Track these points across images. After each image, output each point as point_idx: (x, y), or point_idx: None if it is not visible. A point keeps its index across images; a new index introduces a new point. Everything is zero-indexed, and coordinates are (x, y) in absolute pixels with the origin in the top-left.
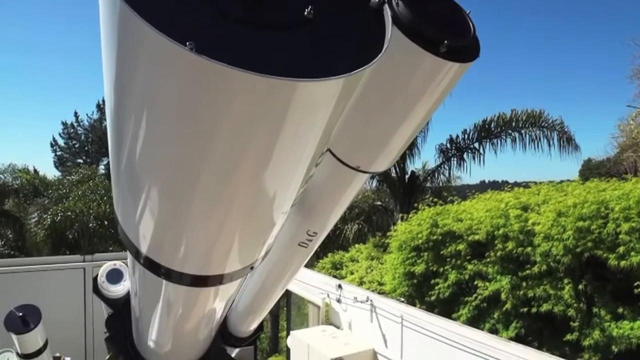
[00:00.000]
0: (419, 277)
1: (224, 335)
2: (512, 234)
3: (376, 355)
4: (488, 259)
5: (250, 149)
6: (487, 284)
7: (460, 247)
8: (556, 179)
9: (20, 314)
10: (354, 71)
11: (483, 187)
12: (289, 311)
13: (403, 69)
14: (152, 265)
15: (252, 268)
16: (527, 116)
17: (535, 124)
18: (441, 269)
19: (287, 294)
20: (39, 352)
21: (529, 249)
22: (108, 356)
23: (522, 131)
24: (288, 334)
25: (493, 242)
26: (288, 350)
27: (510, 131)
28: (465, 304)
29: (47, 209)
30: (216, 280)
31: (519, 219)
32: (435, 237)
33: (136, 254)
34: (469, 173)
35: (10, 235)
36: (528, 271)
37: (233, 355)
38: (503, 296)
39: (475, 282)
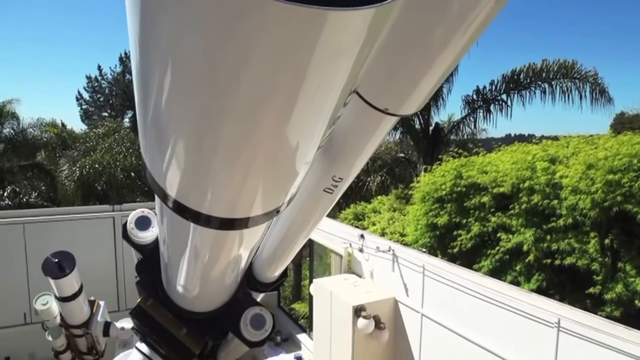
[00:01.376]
0: (441, 229)
1: (250, 280)
2: (538, 187)
3: (397, 303)
4: (512, 212)
5: (276, 88)
6: (510, 236)
7: (484, 199)
8: (586, 133)
9: (56, 260)
10: (387, 1)
11: (509, 140)
12: (311, 260)
13: (435, 4)
14: (180, 209)
15: (278, 212)
16: (559, 67)
17: (567, 75)
18: (464, 221)
19: (310, 244)
20: (74, 295)
21: (555, 202)
22: (139, 299)
23: (553, 83)
24: (311, 282)
25: (518, 195)
26: (310, 297)
27: (540, 82)
28: (487, 256)
29: (76, 162)
30: (242, 223)
31: (546, 172)
32: (459, 188)
33: (164, 197)
34: (495, 126)
35: (43, 188)
36: (553, 224)
37: (258, 299)
38: (526, 248)
39: (498, 235)
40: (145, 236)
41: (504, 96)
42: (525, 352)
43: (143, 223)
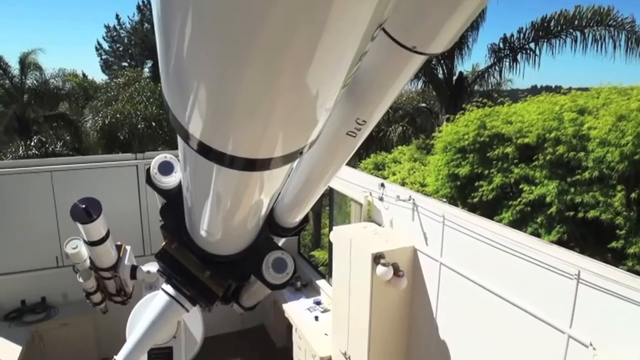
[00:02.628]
0: (462, 179)
1: (271, 225)
2: (564, 138)
3: (416, 252)
4: (536, 163)
5: (300, 22)
6: (533, 188)
7: (508, 150)
8: (619, 84)
9: (84, 205)
10: None
11: (535, 92)
12: (331, 209)
13: None
14: (203, 150)
15: (301, 153)
16: (593, 14)
17: (601, 22)
18: (486, 172)
19: (330, 192)
20: (102, 240)
21: (582, 154)
22: (164, 243)
23: (585, 30)
24: (330, 230)
25: (543, 146)
26: (330, 244)
27: (571, 30)
28: (508, 207)
29: (99, 112)
30: (265, 164)
31: (574, 123)
32: (482, 139)
33: (187, 139)
34: (522, 76)
35: (67, 138)
36: (578, 177)
37: (280, 244)
38: (549, 200)
39: (521, 186)
40: (168, 181)
41: (532, 45)
42: (543, 303)
43: (166, 168)
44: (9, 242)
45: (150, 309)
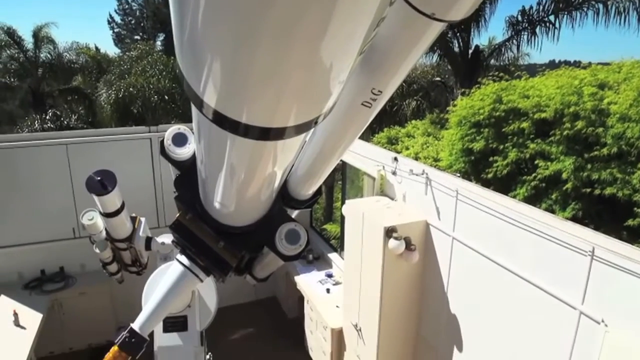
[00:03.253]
0: (476, 154)
1: (285, 197)
2: (583, 113)
3: (428, 226)
4: (552, 139)
5: None
6: (549, 164)
7: (524, 125)
8: None
9: (99, 177)
10: None
11: (553, 66)
12: (344, 183)
13: None
14: (218, 119)
15: (315, 123)
16: None
17: None
18: (501, 147)
19: (343, 166)
20: (117, 212)
21: (600, 129)
22: (178, 214)
23: (609, 2)
24: (343, 203)
25: (561, 121)
26: (342, 218)
27: (593, 2)
28: (522, 183)
29: (112, 85)
30: (279, 133)
31: (594, 97)
32: (497, 113)
33: (202, 108)
34: (540, 50)
35: (82, 111)
36: (596, 153)
37: (293, 216)
38: (565, 176)
39: (536, 162)
40: (182, 152)
41: (551, 17)
42: (555, 280)
43: (179, 140)
44: (28, 214)
45: (165, 279)
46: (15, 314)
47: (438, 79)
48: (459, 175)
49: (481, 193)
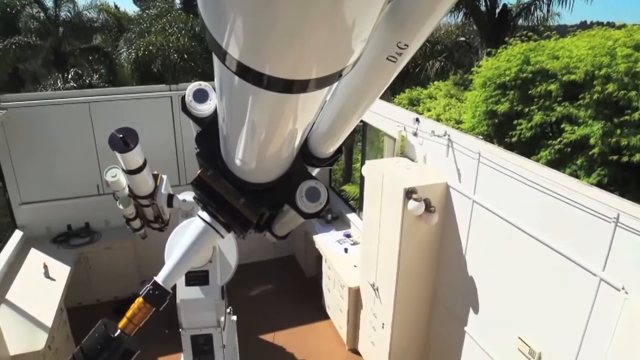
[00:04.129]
0: (500, 117)
1: (305, 155)
2: (615, 75)
3: (449, 188)
4: (581, 102)
5: None
6: (576, 128)
7: (552, 87)
8: None
9: (121, 135)
10: None
11: (585, 28)
12: (364, 144)
13: None
14: (241, 70)
15: (340, 76)
16: None
17: None
18: (526, 110)
19: (363, 127)
20: (139, 169)
21: (633, 93)
22: (199, 171)
23: None
24: (362, 164)
25: (591, 84)
26: (362, 179)
27: None
28: (547, 147)
29: (132, 44)
30: (302, 86)
31: (628, 59)
32: (524, 75)
33: (224, 59)
34: (571, 10)
35: (103, 70)
36: (626, 117)
37: (313, 174)
38: (592, 141)
39: (562, 126)
40: (203, 109)
41: None
42: (576, 245)
43: (201, 96)
44: (54, 171)
45: (187, 234)
46: (45, 267)
47: (463, 39)
48: (481, 137)
49: (504, 156)
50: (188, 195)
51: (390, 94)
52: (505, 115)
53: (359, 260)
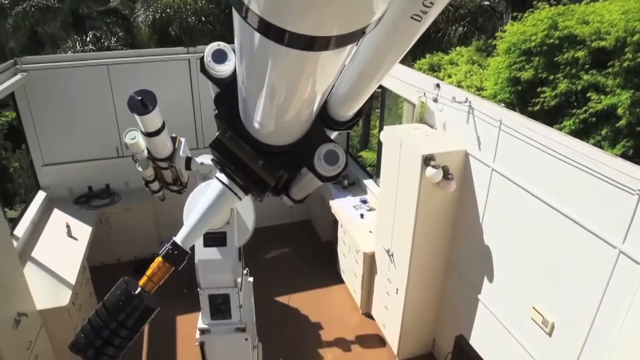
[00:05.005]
0: (523, 84)
1: (324, 118)
2: None
3: (468, 156)
4: (610, 70)
5: None
6: (602, 97)
7: (580, 54)
8: None
9: (140, 97)
10: None
11: None
12: (382, 109)
13: None
14: (262, 26)
15: (363, 33)
16: None
17: None
18: (551, 77)
19: (382, 92)
20: (158, 131)
21: None
22: (217, 133)
23: None
24: (380, 130)
25: (622, 51)
26: (379, 145)
27: None
28: (571, 116)
29: (149, 6)
30: (324, 43)
31: None
32: (551, 40)
33: (246, 16)
34: None
35: (120, 33)
36: None
37: (332, 137)
38: (620, 111)
39: (589, 95)
40: (222, 69)
41: None
42: (597, 217)
43: (219, 56)
44: (75, 133)
45: (205, 196)
46: (68, 226)
47: (487, 3)
48: (503, 105)
49: (526, 124)
50: (206, 158)
51: (410, 60)
52: (529, 82)
53: (374, 226)
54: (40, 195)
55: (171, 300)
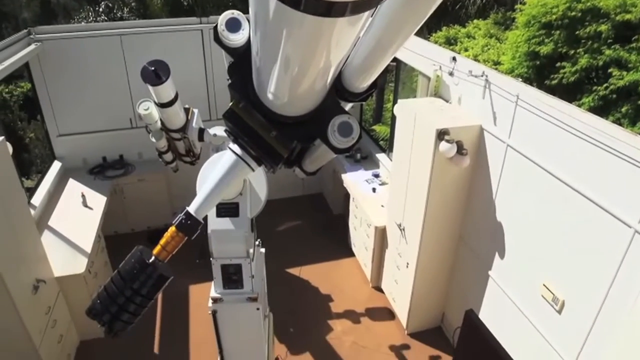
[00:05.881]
0: (542, 59)
1: (339, 89)
2: None
3: (483, 131)
4: (634, 45)
5: None
6: (625, 73)
7: (602, 28)
8: None
9: (153, 67)
10: None
11: None
12: (396, 82)
13: None
14: None
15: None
16: None
17: None
18: (571, 52)
19: (397, 65)
20: (171, 102)
21: None
22: (231, 103)
23: None
24: (394, 103)
25: None
26: (392, 119)
27: None
28: (590, 92)
29: None
30: (341, 9)
31: None
32: (573, 13)
33: None
34: None
35: (133, 4)
36: None
37: (346, 109)
38: None
39: (610, 70)
40: (236, 38)
41: None
42: (613, 195)
43: (233, 25)
44: (88, 104)
45: (218, 167)
46: (83, 196)
47: None
48: (520, 80)
49: (544, 99)
50: (219, 130)
51: (426, 32)
52: (548, 57)
53: (386, 200)
54: (56, 166)
55: (184, 270)
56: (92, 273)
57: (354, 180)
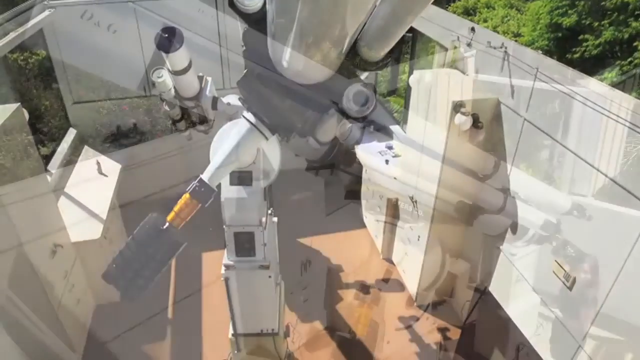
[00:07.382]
0: (565, 31)
1: (354, 58)
2: None
3: (499, 105)
4: None
5: None
6: None
7: None
8: None
9: (166, 35)
10: None
11: None
12: (412, 53)
13: None
14: None
15: None
16: None
17: None
18: (595, 24)
19: (413, 37)
20: (185, 70)
21: None
22: (245, 70)
23: None
24: (410, 75)
25: None
26: (407, 90)
27: None
28: (614, 66)
29: None
30: None
31: None
32: None
33: None
34: None
35: None
36: None
37: (362, 77)
38: None
39: (635, 44)
40: (251, 4)
41: None
42: (633, 173)
43: None
44: (103, 71)
45: (232, 135)
46: (98, 163)
47: None
48: (541, 52)
49: (565, 73)
50: (232, 99)
51: (444, 2)
52: (571, 29)
53: (399, 172)
54: (71, 133)
55: (198, 237)
56: (107, 239)
57: (367, 152)
